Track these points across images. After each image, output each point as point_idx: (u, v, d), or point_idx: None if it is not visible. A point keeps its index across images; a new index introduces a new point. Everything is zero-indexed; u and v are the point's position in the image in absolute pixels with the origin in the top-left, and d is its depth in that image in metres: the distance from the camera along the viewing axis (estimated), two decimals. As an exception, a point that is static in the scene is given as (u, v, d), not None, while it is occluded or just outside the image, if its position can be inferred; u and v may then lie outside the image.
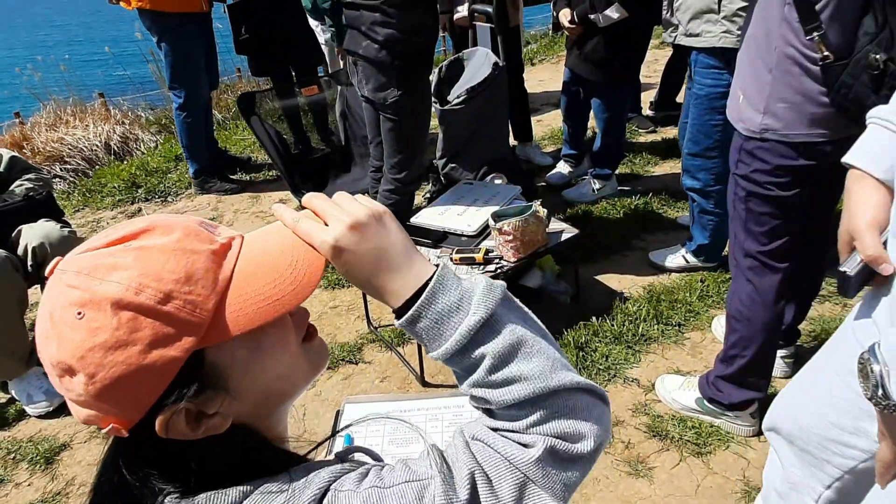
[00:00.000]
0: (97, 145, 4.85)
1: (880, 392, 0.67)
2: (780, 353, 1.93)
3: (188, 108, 3.41)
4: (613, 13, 2.66)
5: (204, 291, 0.52)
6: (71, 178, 4.27)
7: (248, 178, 3.97)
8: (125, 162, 4.53)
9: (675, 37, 2.32)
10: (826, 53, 1.31)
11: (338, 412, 1.23)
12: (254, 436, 0.58)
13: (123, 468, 0.56)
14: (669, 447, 1.82)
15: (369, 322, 2.47)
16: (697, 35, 2.19)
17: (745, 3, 2.02)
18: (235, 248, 0.56)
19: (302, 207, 0.60)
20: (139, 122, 5.63)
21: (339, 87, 3.19)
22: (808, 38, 1.32)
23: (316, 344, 0.63)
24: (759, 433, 1.80)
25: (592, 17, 2.73)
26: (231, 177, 3.90)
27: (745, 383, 1.73)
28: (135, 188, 3.93)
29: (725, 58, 2.12)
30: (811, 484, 1.10)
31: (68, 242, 2.20)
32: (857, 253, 0.87)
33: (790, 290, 1.70)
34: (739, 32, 2.03)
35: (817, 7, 1.29)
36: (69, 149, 4.50)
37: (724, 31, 2.10)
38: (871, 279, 0.86)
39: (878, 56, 1.24)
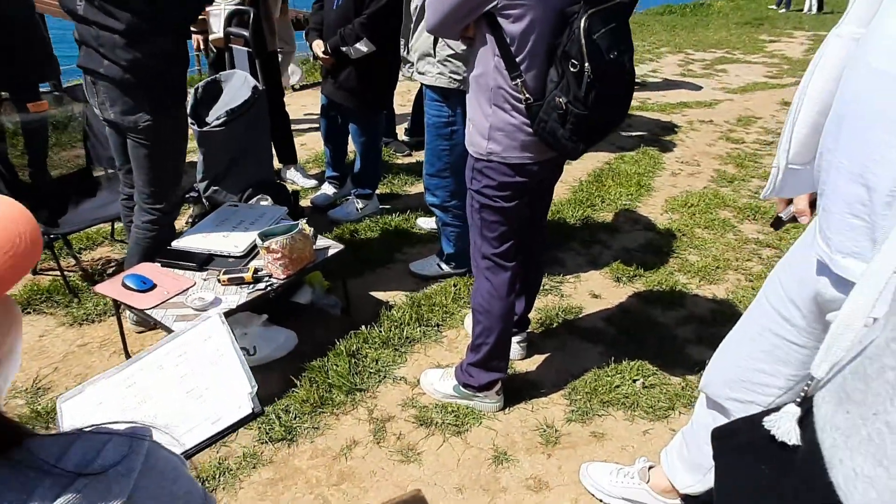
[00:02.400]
0: None
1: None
2: (515, 339, 2.32)
3: None
4: (363, 46, 2.92)
5: None
6: None
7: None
8: None
9: (412, 73, 2.65)
10: (527, 96, 1.68)
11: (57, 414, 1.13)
12: None
13: None
14: (434, 432, 2.06)
15: (128, 355, 2.29)
16: (423, 73, 2.54)
17: (452, 52, 2.41)
18: None
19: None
20: None
21: (77, 103, 2.89)
22: (513, 83, 1.67)
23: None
24: (503, 408, 2.15)
25: (344, 49, 2.95)
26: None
27: (489, 366, 2.06)
28: None
29: (444, 94, 2.50)
30: None
31: None
32: (791, 206, 1.35)
33: (519, 286, 2.08)
34: (450, 75, 2.43)
35: (518, 59, 1.64)
36: None
37: (439, 73, 2.48)
38: (793, 221, 1.38)
39: (560, 99, 1.63)
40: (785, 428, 0.70)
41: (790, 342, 1.28)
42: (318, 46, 3.09)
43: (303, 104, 5.61)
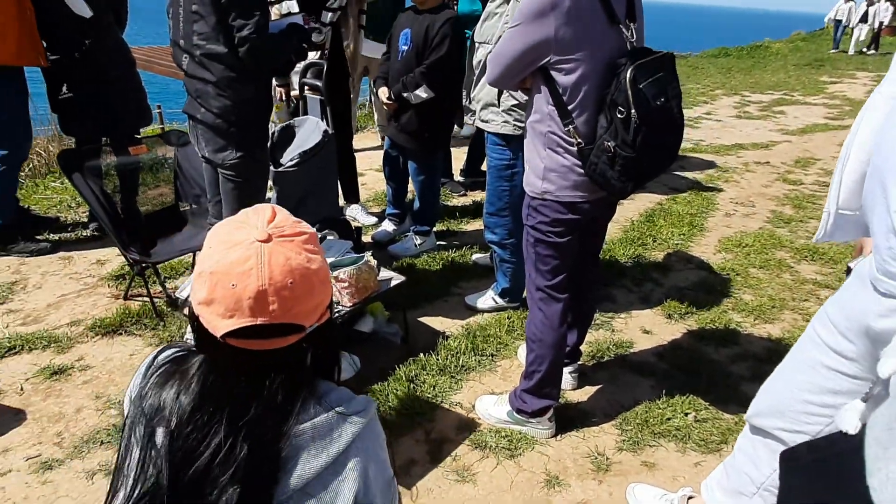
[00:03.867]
0: None
1: None
2: (567, 369, 2.41)
3: (10, 163, 3.25)
4: (423, 93, 3.16)
5: None
6: None
7: (57, 237, 3.72)
8: None
9: (474, 121, 2.85)
10: (579, 140, 1.82)
11: None
12: None
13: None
14: (489, 455, 2.16)
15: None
16: (486, 122, 2.73)
17: (516, 102, 2.59)
18: None
19: (131, 264, 0.88)
20: None
21: (169, 147, 3.23)
22: (566, 128, 1.82)
23: None
24: (555, 434, 2.23)
25: (405, 95, 3.19)
26: (37, 237, 3.63)
27: (542, 393, 2.16)
28: None
29: (506, 139, 2.68)
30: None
31: None
32: (861, 255, 1.40)
33: (571, 318, 2.19)
34: (514, 122, 2.61)
35: (569, 107, 1.80)
36: None
37: (504, 121, 2.67)
38: None
39: (609, 143, 1.77)
40: (849, 420, 0.84)
41: (840, 373, 1.33)
42: (384, 93, 3.35)
43: (364, 146, 5.93)
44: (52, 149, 5.41)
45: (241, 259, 0.79)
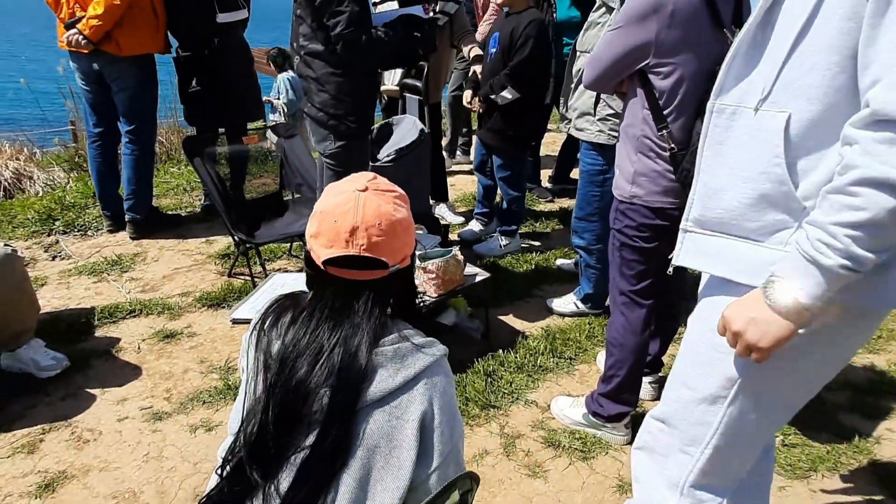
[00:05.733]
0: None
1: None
2: (647, 379, 2.38)
3: (142, 146, 3.62)
4: (507, 94, 3.21)
5: None
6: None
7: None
8: (14, 198, 4.52)
9: (569, 128, 2.87)
10: (672, 145, 1.81)
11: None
12: None
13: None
14: (561, 454, 2.17)
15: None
16: (581, 130, 2.74)
17: (612, 111, 2.59)
18: None
19: (237, 243, 1.06)
20: (34, 159, 5.52)
21: (277, 139, 3.47)
22: (659, 133, 1.81)
23: None
24: (630, 441, 2.20)
25: (493, 97, 3.26)
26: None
27: (619, 398, 2.14)
28: (51, 220, 3.91)
29: (600, 146, 2.68)
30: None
31: (9, 260, 2.28)
32: None
33: (654, 326, 2.16)
34: (609, 132, 2.61)
35: (665, 112, 1.79)
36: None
37: (598, 130, 2.67)
38: None
39: (705, 148, 1.74)
40: None
41: None
42: (468, 96, 3.45)
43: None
44: (173, 138, 5.94)
45: (343, 202, 0.99)
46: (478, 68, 3.56)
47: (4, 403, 2.31)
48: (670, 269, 1.35)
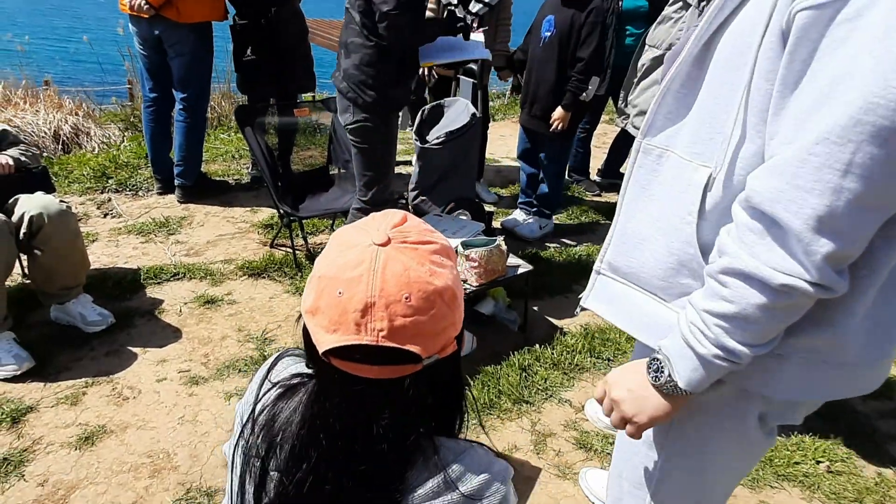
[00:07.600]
0: (45, 132, 4.85)
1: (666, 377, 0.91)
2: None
3: (195, 112, 3.64)
4: (592, 87, 3.10)
5: None
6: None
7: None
8: (72, 154, 4.62)
9: (626, 124, 2.76)
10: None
11: None
12: None
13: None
14: (592, 458, 2.12)
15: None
16: (638, 128, 2.63)
17: None
18: None
19: (282, 215, 0.85)
20: (93, 115, 5.64)
21: (328, 112, 3.45)
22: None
23: None
24: (667, 452, 2.13)
25: (582, 97, 3.13)
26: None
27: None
28: (105, 178, 4.00)
29: None
30: None
31: (65, 216, 2.33)
32: None
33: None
34: None
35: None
36: (16, 132, 4.51)
37: None
38: None
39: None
40: None
41: None
42: (558, 114, 3.25)
43: (501, 134, 5.96)
44: (225, 104, 6.00)
45: (353, 263, 0.66)
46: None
47: (52, 354, 2.38)
48: (577, 309, 1.23)
